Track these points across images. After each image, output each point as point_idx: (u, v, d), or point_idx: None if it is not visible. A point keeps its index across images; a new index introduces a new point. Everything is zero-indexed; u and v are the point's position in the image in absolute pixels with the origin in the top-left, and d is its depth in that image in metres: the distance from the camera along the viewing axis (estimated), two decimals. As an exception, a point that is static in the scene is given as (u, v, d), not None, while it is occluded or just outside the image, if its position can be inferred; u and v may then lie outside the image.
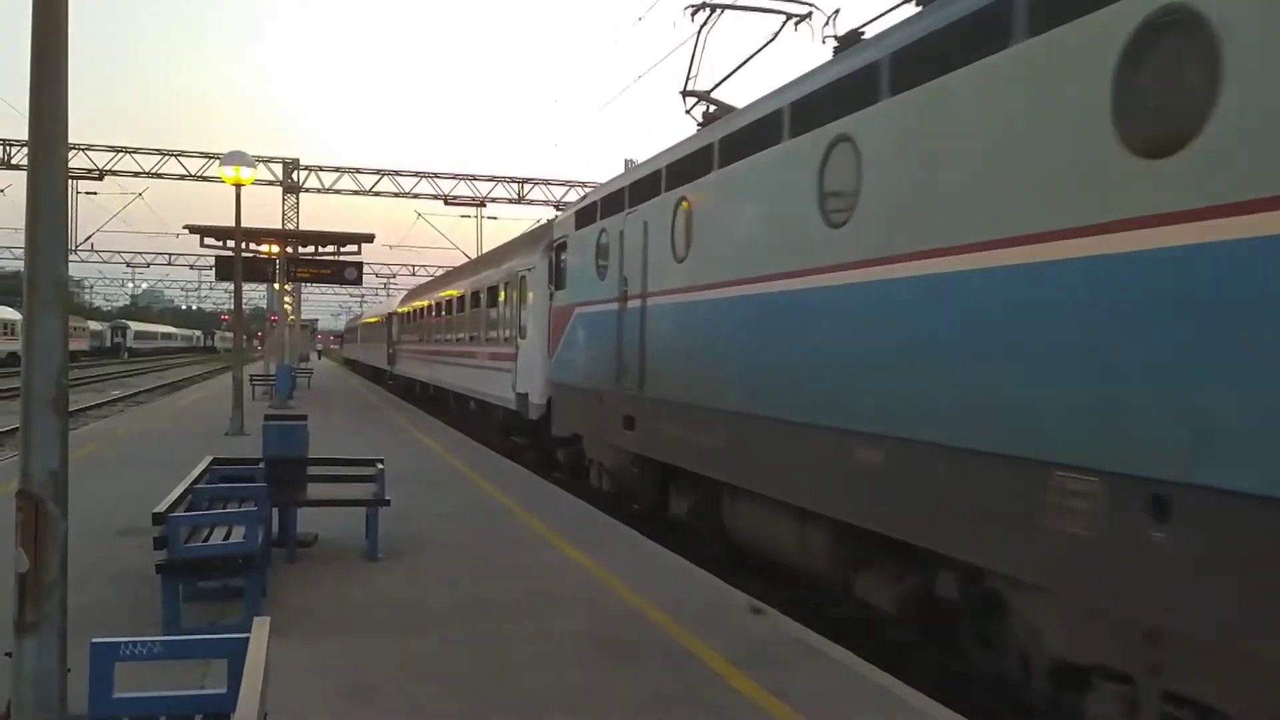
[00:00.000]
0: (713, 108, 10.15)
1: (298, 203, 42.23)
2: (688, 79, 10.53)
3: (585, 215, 12.59)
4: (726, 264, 8.25)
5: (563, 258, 13.72)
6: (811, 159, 6.92)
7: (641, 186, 10.46)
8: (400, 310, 37.39)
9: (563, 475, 14.14)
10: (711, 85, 10.40)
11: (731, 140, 8.34)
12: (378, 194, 42.86)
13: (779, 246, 7.43)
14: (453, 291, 24.88)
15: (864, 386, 6.24)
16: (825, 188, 6.79)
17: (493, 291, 19.26)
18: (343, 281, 30.57)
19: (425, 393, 29.60)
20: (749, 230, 7.97)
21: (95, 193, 41.99)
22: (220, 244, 26.94)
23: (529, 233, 20.30)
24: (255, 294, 61.06)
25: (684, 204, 9.18)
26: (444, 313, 26.05)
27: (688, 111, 10.42)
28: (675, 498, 9.99)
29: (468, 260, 28.06)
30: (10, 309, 60.21)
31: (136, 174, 40.18)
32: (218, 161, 22.32)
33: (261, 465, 8.54)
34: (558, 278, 13.96)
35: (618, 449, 11.07)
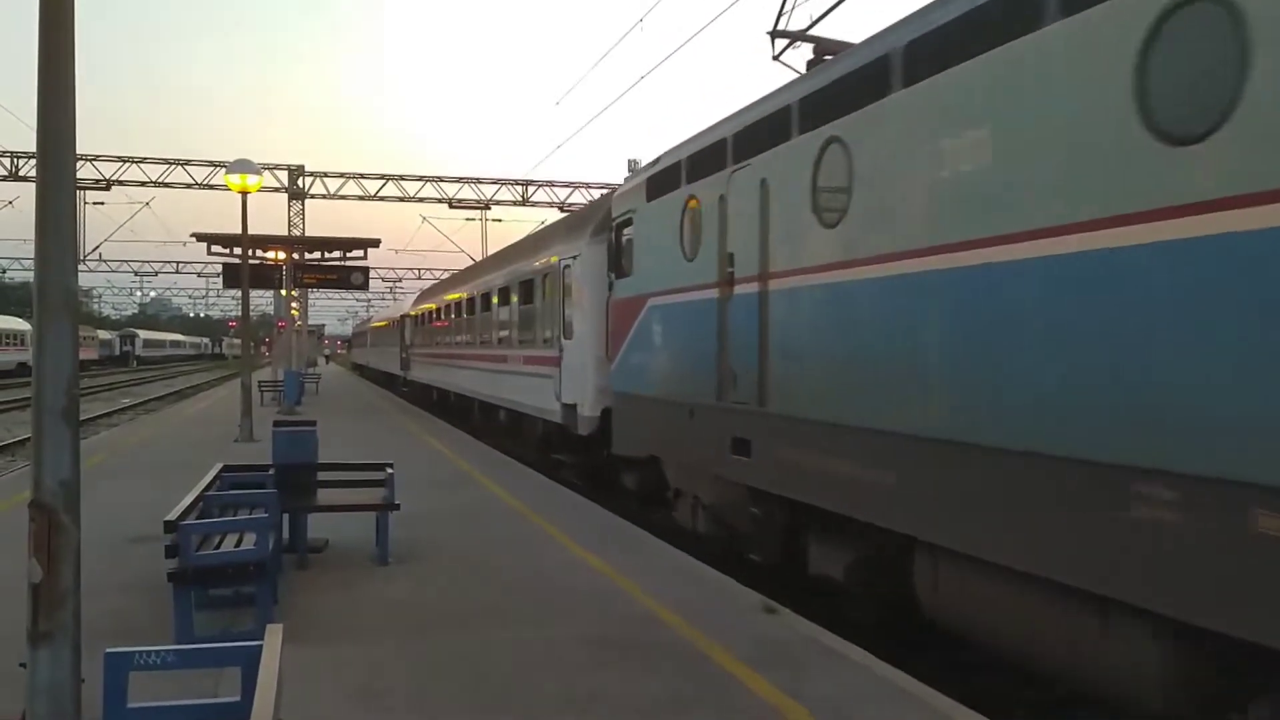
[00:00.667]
0: (801, 47, 8.43)
1: (303, 209, 42.33)
2: (779, 16, 8.76)
3: (662, 181, 9.94)
4: (929, 224, 5.70)
5: (626, 238, 11.13)
6: (1118, 41, 4.50)
7: (755, 133, 7.93)
8: (413, 312, 35.00)
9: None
10: (808, 23, 8.50)
11: (931, 43, 5.83)
12: (382, 199, 42.94)
13: (1048, 186, 4.87)
14: (476, 289, 22.14)
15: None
16: (1152, 83, 4.34)
17: (526, 286, 16.77)
18: (349, 286, 30.63)
19: (445, 400, 27.44)
20: (977, 170, 5.36)
21: (103, 202, 42.14)
22: (227, 251, 27.02)
23: (572, 215, 17.39)
24: (262, 300, 61.27)
25: (834, 147, 6.72)
26: (465, 313, 23.45)
27: (776, 57, 8.97)
28: (819, 550, 7.36)
29: (489, 255, 25.25)
30: (19, 319, 60.51)
31: (143, 183, 40.32)
32: (223, 169, 22.37)
33: (271, 471, 8.55)
34: (620, 263, 11.39)
35: (723, 480, 8.58)
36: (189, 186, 40.44)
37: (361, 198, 42.96)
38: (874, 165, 6.33)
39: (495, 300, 19.71)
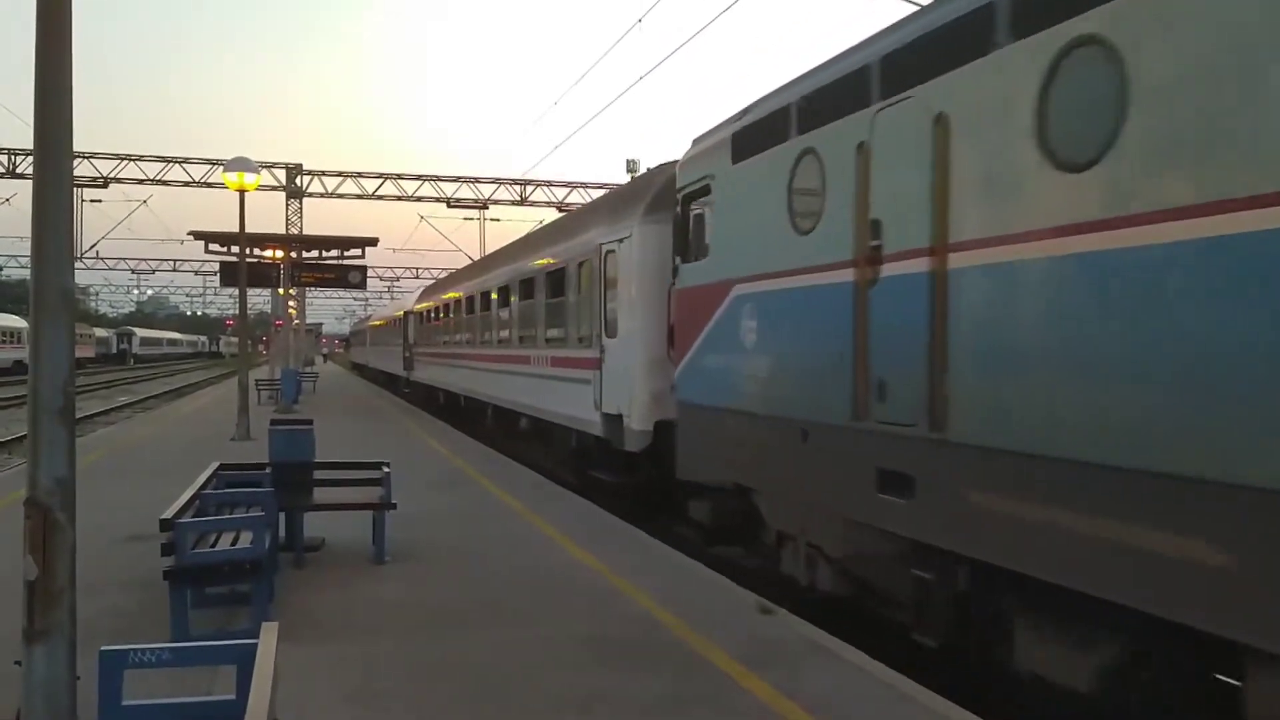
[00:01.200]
0: None
1: (301, 207, 42.33)
2: None
3: (758, 135, 7.84)
4: None
5: (698, 212, 9.16)
6: None
7: (922, 53, 5.89)
8: (418, 308, 32.89)
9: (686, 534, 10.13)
10: None
11: None
12: (380, 198, 42.97)
13: None
14: (491, 282, 19.90)
15: None
16: None
17: (555, 277, 14.62)
18: (347, 285, 30.63)
19: (454, 404, 25.16)
20: None
21: (100, 200, 42.20)
22: (225, 250, 27.01)
23: (616, 191, 14.59)
24: (260, 299, 61.41)
25: (1084, 52, 4.67)
26: (479, 309, 21.16)
27: None
28: (1047, 645, 5.16)
29: (507, 244, 22.24)
30: (16, 317, 60.44)
31: (141, 181, 40.35)
32: (221, 168, 22.36)
33: (268, 470, 8.55)
34: (689, 244, 9.35)
35: (863, 528, 6.46)
36: (187, 184, 40.45)
37: (359, 196, 42.98)
38: (1188, 68, 4.16)
39: (515, 295, 17.48)
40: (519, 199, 43.35)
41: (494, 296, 19.54)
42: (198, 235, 26.96)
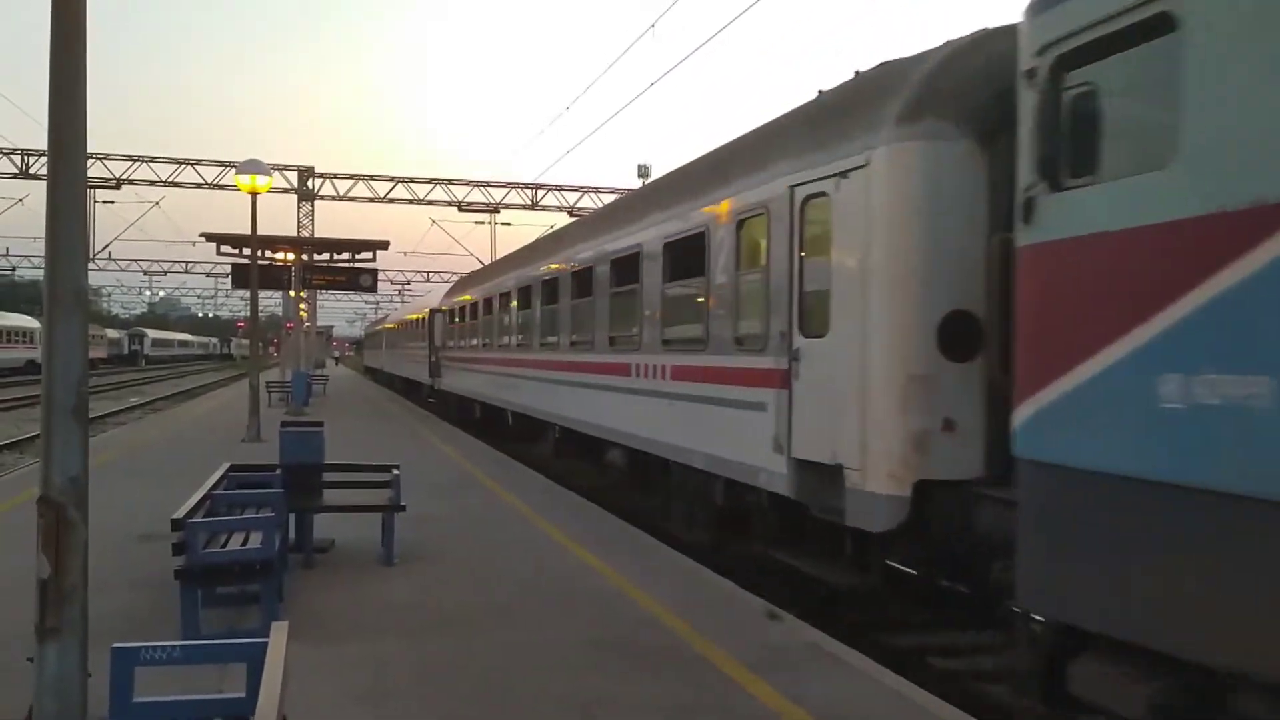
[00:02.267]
0: None
1: (313, 210, 42.46)
2: None
3: None
4: None
5: (1111, 85, 4.59)
6: None
7: None
8: (446, 306, 28.24)
9: None
10: None
11: None
12: (392, 201, 43.06)
13: None
14: (562, 265, 14.83)
15: None
16: None
17: (684, 249, 9.98)
18: (358, 288, 30.79)
19: (499, 415, 19.84)
20: None
21: (113, 201, 42.36)
22: (236, 252, 27.14)
23: (811, 103, 8.56)
24: (271, 301, 61.55)
25: None
26: (542, 301, 16.07)
27: None
28: None
29: (598, 211, 17.71)
30: (29, 317, 60.81)
31: (153, 183, 40.50)
32: (234, 170, 22.47)
33: (278, 471, 8.58)
34: (1062, 154, 4.72)
35: None
36: (199, 186, 40.62)
37: (371, 200, 43.10)
38: None
39: (605, 280, 12.48)
40: (530, 203, 43.45)
41: (565, 286, 14.51)
42: (210, 237, 27.11)
